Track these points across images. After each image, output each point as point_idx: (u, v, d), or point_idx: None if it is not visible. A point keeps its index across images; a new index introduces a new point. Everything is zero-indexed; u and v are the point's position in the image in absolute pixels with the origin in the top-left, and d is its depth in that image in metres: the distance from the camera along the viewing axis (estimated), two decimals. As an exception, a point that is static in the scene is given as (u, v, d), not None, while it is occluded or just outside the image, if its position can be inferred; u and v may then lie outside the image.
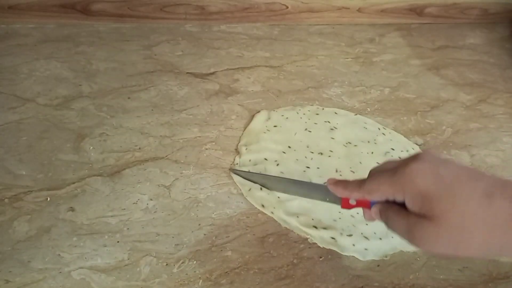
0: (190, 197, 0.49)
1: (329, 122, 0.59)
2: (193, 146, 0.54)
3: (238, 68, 0.68)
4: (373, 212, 0.35)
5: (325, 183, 0.39)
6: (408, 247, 0.47)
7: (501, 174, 0.57)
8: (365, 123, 0.60)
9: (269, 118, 0.58)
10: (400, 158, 0.36)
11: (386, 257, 0.46)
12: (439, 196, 0.29)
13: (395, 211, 0.33)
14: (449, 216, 0.29)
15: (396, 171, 0.32)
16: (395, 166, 0.32)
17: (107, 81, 0.62)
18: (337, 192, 0.38)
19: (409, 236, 0.31)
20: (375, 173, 0.35)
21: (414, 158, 0.32)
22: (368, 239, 0.46)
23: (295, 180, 0.47)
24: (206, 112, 0.59)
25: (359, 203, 0.37)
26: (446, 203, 0.29)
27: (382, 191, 0.33)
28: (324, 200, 0.41)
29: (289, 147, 0.54)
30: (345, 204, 0.38)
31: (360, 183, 0.35)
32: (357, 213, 0.48)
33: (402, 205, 0.32)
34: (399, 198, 0.32)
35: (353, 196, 0.36)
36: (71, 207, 0.46)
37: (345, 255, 0.46)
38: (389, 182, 0.32)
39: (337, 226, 0.47)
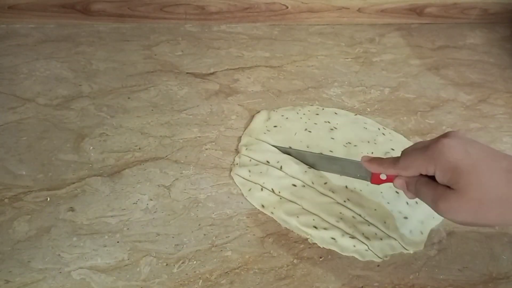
0: (190, 197, 0.49)
1: (329, 122, 0.59)
2: (193, 146, 0.55)
3: (238, 68, 0.68)
4: (397, 183, 0.40)
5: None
6: (408, 248, 0.47)
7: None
8: (365, 123, 0.60)
9: (269, 118, 0.58)
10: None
11: (386, 257, 0.46)
12: (466, 170, 0.33)
13: (423, 183, 0.37)
14: (472, 189, 0.33)
15: (429, 147, 0.36)
16: (427, 143, 0.36)
17: (107, 81, 0.62)
18: (371, 168, 0.41)
19: (434, 205, 0.36)
20: (408, 151, 0.38)
21: (445, 135, 0.36)
22: (368, 240, 0.46)
23: (329, 156, 0.51)
24: (206, 112, 0.59)
25: (390, 179, 0.41)
26: (470, 178, 0.33)
27: (416, 166, 0.37)
28: (355, 176, 0.45)
29: (290, 147, 0.54)
30: (376, 179, 0.42)
31: (394, 161, 0.39)
32: (359, 214, 0.48)
33: (431, 178, 0.36)
34: (430, 171, 0.36)
35: (388, 172, 0.40)
36: (71, 207, 0.46)
37: (345, 255, 0.46)
38: (422, 157, 0.36)
39: (337, 227, 0.47)
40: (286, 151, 0.53)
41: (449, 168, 0.34)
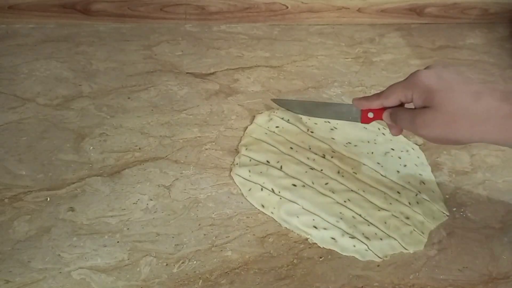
0: (190, 197, 0.49)
1: (329, 122, 0.59)
2: (193, 146, 0.55)
3: (238, 68, 0.68)
4: (385, 116, 0.45)
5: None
6: (408, 248, 0.47)
7: (501, 174, 0.57)
8: (365, 123, 0.60)
9: (270, 119, 0.58)
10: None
11: (386, 257, 0.46)
12: (439, 89, 0.38)
13: (402, 109, 0.43)
14: (445, 104, 0.38)
15: (408, 77, 0.41)
16: (407, 76, 0.41)
17: (107, 81, 0.62)
18: (360, 105, 0.46)
19: (411, 123, 0.40)
20: (391, 84, 0.43)
21: (424, 68, 0.41)
22: (368, 240, 0.46)
23: (323, 102, 0.58)
24: (206, 112, 0.59)
25: (376, 116, 0.46)
26: (443, 95, 0.38)
27: (396, 94, 0.42)
28: (348, 119, 0.49)
29: (291, 148, 0.54)
30: (365, 118, 0.47)
31: (378, 94, 0.44)
32: (359, 214, 0.49)
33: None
34: (409, 96, 0.41)
35: (374, 105, 0.45)
36: (71, 207, 0.46)
37: (345, 255, 0.46)
38: (402, 85, 0.41)
39: (337, 227, 0.47)
40: (283, 103, 0.57)
41: (424, 91, 0.39)
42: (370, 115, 0.46)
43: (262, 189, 0.50)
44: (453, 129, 0.38)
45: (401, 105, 0.44)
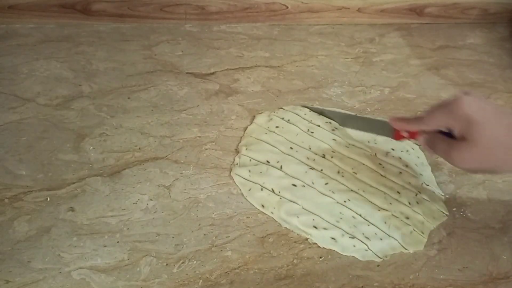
0: (190, 197, 0.49)
1: (330, 122, 0.59)
2: (193, 146, 0.55)
3: (238, 68, 0.68)
4: (421, 140, 0.45)
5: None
6: (408, 248, 0.47)
7: (501, 174, 0.57)
8: (365, 123, 0.60)
9: (270, 119, 0.58)
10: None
11: (386, 257, 0.46)
12: (479, 122, 0.39)
13: (439, 138, 0.43)
14: (482, 139, 0.39)
15: (449, 103, 0.41)
16: (447, 100, 0.41)
17: (107, 81, 0.62)
18: (397, 125, 0.47)
19: (447, 155, 0.42)
20: (431, 108, 0.43)
21: (464, 93, 0.41)
22: (368, 240, 0.46)
23: (356, 115, 0.60)
24: (206, 112, 0.59)
25: (410, 136, 0.47)
26: (483, 130, 0.39)
27: (437, 121, 0.42)
28: (379, 133, 0.52)
29: (291, 148, 0.54)
30: (398, 136, 0.48)
31: (418, 117, 0.45)
32: (359, 214, 0.48)
33: (446, 135, 0.42)
34: (450, 123, 0.41)
35: (413, 127, 0.46)
36: (71, 207, 0.46)
37: (345, 255, 0.46)
38: (444, 112, 0.41)
39: (337, 227, 0.47)
40: (320, 111, 0.59)
41: (465, 119, 0.39)
42: (404, 133, 0.47)
43: (262, 189, 0.50)
44: (489, 163, 0.40)
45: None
